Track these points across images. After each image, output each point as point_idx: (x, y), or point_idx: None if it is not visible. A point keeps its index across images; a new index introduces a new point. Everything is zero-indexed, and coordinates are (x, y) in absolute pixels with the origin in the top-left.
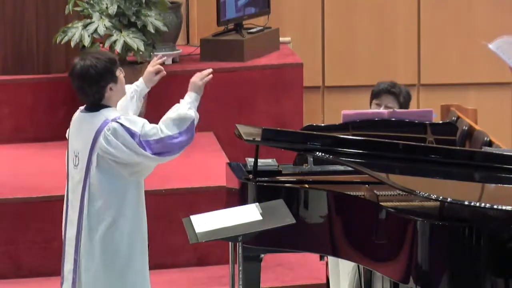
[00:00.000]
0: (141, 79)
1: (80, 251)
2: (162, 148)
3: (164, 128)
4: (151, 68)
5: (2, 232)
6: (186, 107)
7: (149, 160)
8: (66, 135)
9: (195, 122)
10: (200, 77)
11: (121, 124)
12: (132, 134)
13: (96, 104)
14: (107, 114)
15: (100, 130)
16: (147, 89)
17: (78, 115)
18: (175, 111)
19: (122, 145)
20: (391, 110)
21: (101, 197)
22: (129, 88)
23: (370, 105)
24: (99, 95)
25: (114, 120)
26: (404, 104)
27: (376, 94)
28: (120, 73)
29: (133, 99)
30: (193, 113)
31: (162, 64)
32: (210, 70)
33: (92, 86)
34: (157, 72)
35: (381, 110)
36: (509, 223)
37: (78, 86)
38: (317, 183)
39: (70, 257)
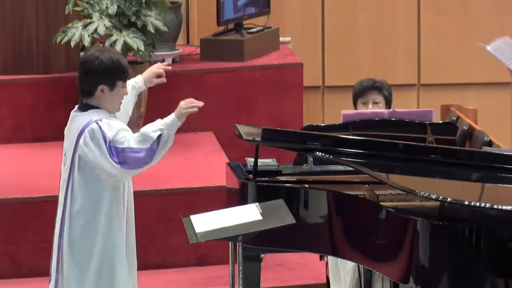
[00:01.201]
0: (140, 77)
1: (63, 250)
2: (123, 158)
3: (131, 139)
4: (154, 69)
5: (2, 232)
6: (155, 127)
7: (113, 169)
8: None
9: (161, 146)
10: (187, 105)
11: (99, 127)
12: (104, 138)
13: (86, 103)
14: (92, 115)
15: (82, 130)
16: (144, 88)
17: (71, 113)
18: (147, 127)
19: (94, 146)
20: (391, 110)
21: (79, 198)
22: (129, 82)
23: (355, 106)
24: (88, 89)
25: (96, 121)
26: (389, 98)
27: (360, 92)
28: (121, 87)
29: (131, 95)
30: (155, 136)
31: (166, 71)
32: (201, 103)
33: (87, 76)
34: (158, 76)
35: (381, 110)
36: (509, 223)
37: (79, 70)
38: (317, 183)
39: (54, 255)
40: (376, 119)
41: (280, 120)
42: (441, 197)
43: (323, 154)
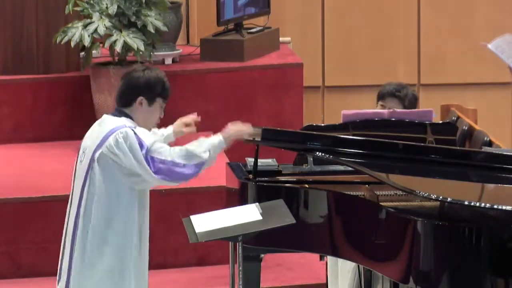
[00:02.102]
0: (170, 128)
1: (75, 248)
2: (163, 170)
3: (174, 153)
4: (184, 119)
5: (2, 232)
6: (204, 148)
7: (147, 176)
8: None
9: (205, 166)
10: (236, 129)
11: (135, 133)
12: (141, 144)
13: (121, 110)
14: (125, 121)
15: (113, 130)
16: (173, 139)
17: (103, 116)
18: (194, 145)
19: (129, 150)
20: (391, 110)
21: (96, 195)
22: (159, 131)
23: (376, 105)
24: (128, 100)
25: (130, 127)
26: (410, 108)
27: (382, 96)
28: (159, 106)
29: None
30: (206, 157)
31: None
32: (250, 129)
33: (128, 85)
34: (187, 125)
35: (381, 110)
36: (509, 223)
37: (122, 81)
38: (317, 183)
39: (66, 255)
40: (376, 119)
41: (280, 120)
42: (441, 197)
43: (323, 154)
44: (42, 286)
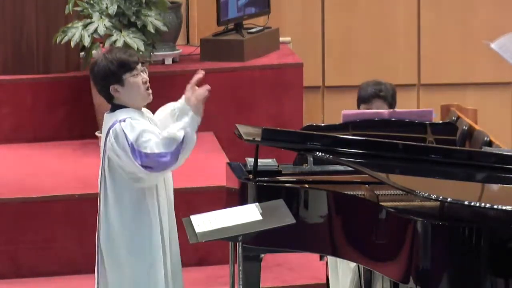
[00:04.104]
0: (181, 99)
1: (101, 251)
2: (148, 162)
3: (155, 145)
4: (191, 82)
5: (2, 232)
6: (178, 127)
7: (140, 172)
8: None
9: (187, 146)
10: (195, 97)
11: (122, 128)
12: (127, 139)
13: (112, 104)
14: (119, 115)
15: (108, 131)
16: (188, 107)
17: (104, 116)
18: (169, 129)
19: (121, 150)
20: (391, 110)
21: (110, 198)
22: (171, 105)
23: (358, 108)
24: (105, 94)
25: (120, 121)
26: (393, 102)
27: (365, 99)
28: (132, 78)
29: (174, 117)
30: (181, 137)
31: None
32: (207, 87)
33: (96, 83)
34: (198, 86)
35: (381, 110)
36: (509, 223)
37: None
38: (317, 183)
39: (97, 257)
40: (376, 119)
41: (280, 120)
42: (441, 197)
43: (323, 154)
44: (42, 286)
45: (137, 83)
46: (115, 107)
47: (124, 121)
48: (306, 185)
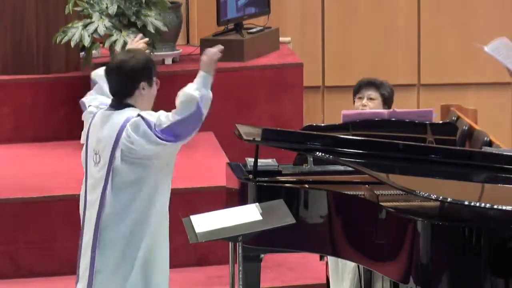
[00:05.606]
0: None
1: (99, 247)
2: (175, 133)
3: (171, 114)
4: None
5: (2, 232)
6: (193, 88)
7: (167, 148)
8: (82, 139)
9: (204, 102)
10: (207, 55)
11: (142, 117)
12: (149, 124)
13: (122, 101)
14: (130, 112)
15: (123, 126)
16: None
17: (101, 113)
18: (182, 94)
19: (141, 138)
20: (391, 110)
21: (127, 192)
22: None
23: (353, 103)
24: (129, 89)
25: (136, 116)
26: (389, 98)
27: (357, 89)
28: (155, 84)
29: None
30: (197, 94)
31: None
32: (220, 47)
33: (127, 76)
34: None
35: (381, 110)
36: (509, 223)
37: (116, 74)
38: (317, 183)
39: (87, 255)
40: (376, 119)
41: (280, 120)
42: (441, 197)
43: (323, 154)
44: (42, 286)
45: (155, 90)
46: (124, 105)
47: (139, 114)
48: (306, 185)
